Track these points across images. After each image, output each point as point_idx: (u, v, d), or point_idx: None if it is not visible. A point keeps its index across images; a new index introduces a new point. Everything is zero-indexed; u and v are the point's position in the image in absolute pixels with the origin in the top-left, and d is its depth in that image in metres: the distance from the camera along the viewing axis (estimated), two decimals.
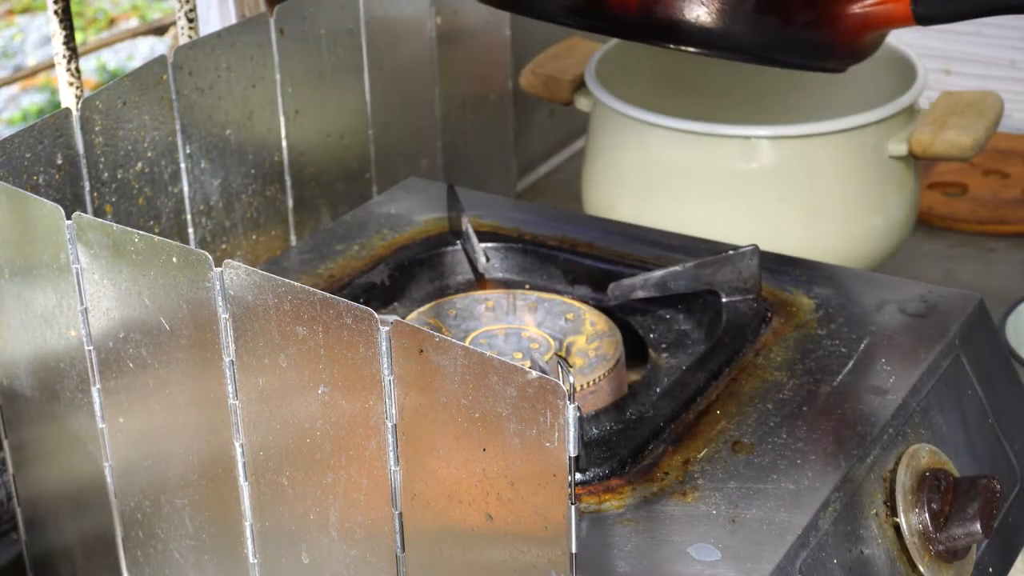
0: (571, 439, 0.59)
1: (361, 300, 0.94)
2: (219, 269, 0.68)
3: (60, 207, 0.74)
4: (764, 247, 0.98)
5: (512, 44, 1.30)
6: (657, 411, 0.81)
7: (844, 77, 1.10)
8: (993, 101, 1.12)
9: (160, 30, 3.35)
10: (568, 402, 0.59)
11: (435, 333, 0.62)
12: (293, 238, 1.08)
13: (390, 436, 0.65)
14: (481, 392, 0.61)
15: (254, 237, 1.05)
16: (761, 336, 0.89)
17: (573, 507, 0.60)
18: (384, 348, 0.64)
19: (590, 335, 0.90)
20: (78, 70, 0.99)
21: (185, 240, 0.99)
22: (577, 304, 0.93)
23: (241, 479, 0.72)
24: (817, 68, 1.01)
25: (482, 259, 0.99)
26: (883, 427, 0.81)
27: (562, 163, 1.50)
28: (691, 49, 0.94)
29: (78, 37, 1.59)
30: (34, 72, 3.23)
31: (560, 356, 0.88)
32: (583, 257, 0.99)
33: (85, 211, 0.90)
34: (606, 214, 1.13)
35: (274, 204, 1.06)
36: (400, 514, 0.67)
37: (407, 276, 0.99)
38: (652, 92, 1.20)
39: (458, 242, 1.01)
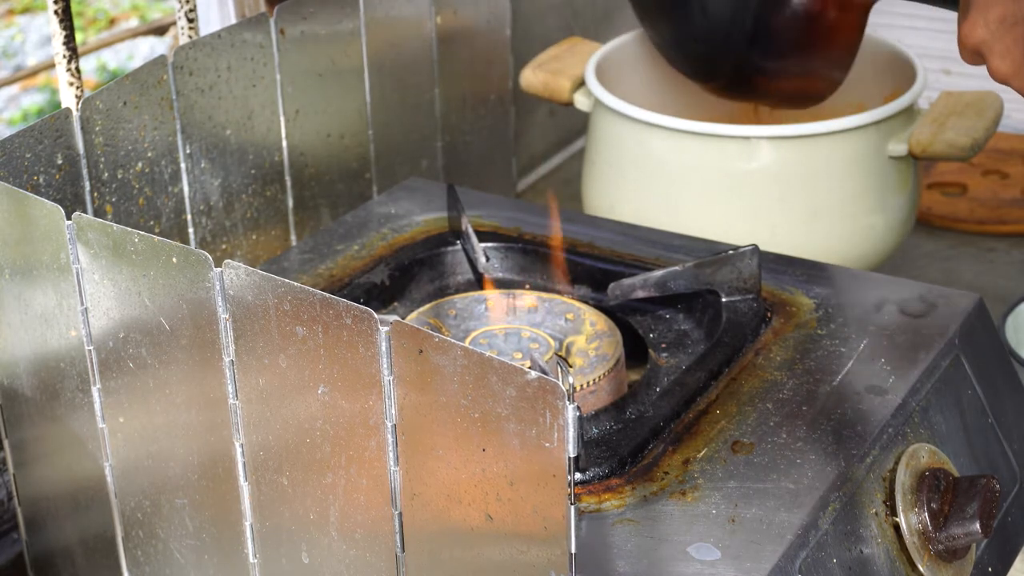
0: (570, 439, 0.59)
1: (361, 300, 0.94)
2: (219, 269, 0.68)
3: (60, 207, 0.74)
4: (764, 247, 0.98)
5: (512, 44, 1.30)
6: (657, 411, 0.81)
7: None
8: (993, 101, 1.12)
9: (160, 30, 3.35)
10: (567, 402, 0.59)
11: (435, 333, 0.62)
12: (293, 238, 1.08)
13: (390, 436, 0.65)
14: (481, 392, 0.61)
15: (254, 237, 1.05)
16: (761, 336, 0.89)
17: (572, 507, 0.60)
18: (384, 348, 0.64)
19: (590, 335, 0.90)
20: (78, 70, 0.99)
21: (185, 240, 0.99)
22: (577, 304, 0.93)
23: (241, 479, 0.73)
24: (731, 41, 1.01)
25: (482, 259, 0.99)
26: (882, 427, 0.81)
27: (562, 163, 1.50)
28: None
29: (78, 37, 1.60)
30: (34, 72, 3.23)
31: (560, 356, 0.88)
32: (583, 257, 0.99)
33: (85, 211, 0.90)
34: (606, 214, 1.13)
35: (274, 204, 1.06)
36: (400, 514, 0.67)
37: (407, 276, 0.99)
38: (652, 92, 1.20)
39: (458, 242, 1.01)
